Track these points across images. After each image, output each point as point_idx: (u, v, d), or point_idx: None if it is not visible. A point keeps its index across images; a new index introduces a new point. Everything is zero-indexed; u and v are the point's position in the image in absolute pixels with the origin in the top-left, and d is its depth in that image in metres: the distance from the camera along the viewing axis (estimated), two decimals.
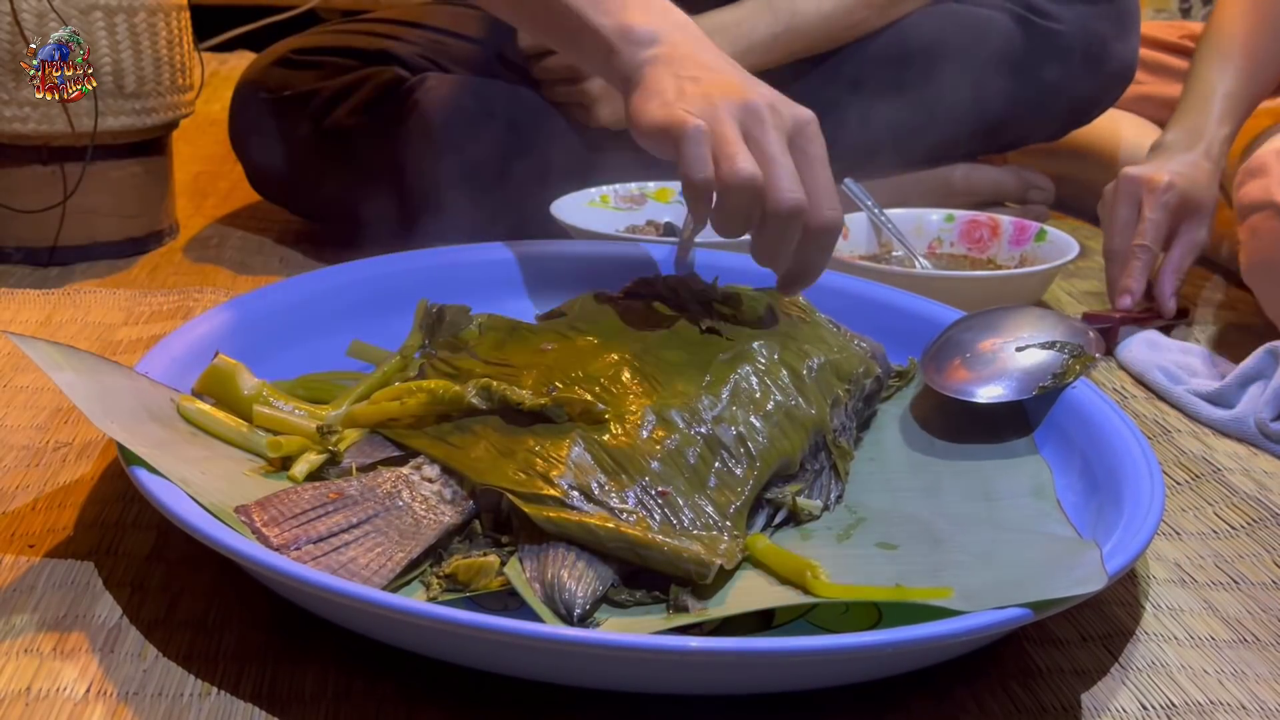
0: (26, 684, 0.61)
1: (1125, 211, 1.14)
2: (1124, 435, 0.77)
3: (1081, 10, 1.35)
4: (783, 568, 0.67)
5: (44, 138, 1.20)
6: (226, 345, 0.83)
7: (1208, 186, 1.14)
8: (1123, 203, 1.14)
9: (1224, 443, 0.93)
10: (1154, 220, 1.12)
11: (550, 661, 0.59)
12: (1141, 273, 1.12)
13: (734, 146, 0.78)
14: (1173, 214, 1.13)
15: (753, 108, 0.80)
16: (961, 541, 0.70)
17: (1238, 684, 0.65)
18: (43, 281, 1.20)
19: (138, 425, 0.70)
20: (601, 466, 0.69)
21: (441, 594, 0.65)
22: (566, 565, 0.64)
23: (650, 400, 0.74)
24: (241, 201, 1.50)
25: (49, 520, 0.76)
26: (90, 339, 1.05)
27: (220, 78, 2.06)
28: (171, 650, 0.64)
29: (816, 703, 0.61)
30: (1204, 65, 1.21)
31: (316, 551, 0.65)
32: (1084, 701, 0.63)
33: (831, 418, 0.79)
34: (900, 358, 0.92)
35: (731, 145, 0.78)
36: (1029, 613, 0.59)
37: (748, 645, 0.56)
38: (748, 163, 0.78)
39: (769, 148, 0.79)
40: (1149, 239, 1.12)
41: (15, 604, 0.67)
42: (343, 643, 0.64)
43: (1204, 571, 0.76)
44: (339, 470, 0.74)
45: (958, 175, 1.42)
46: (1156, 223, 1.12)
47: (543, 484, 0.67)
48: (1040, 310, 0.94)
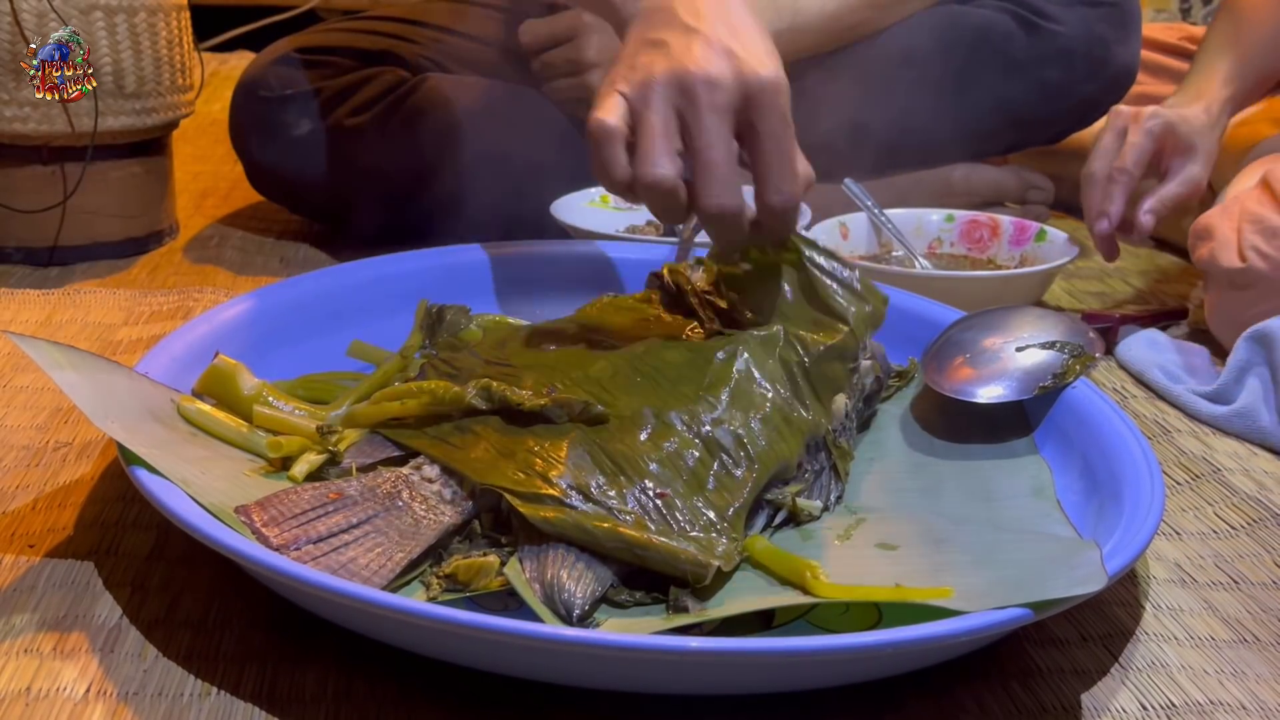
0: (26, 684, 0.61)
1: (1109, 139, 1.13)
2: (1124, 435, 0.77)
3: (1084, 13, 1.35)
4: (782, 568, 0.67)
5: (44, 138, 1.20)
6: (226, 345, 0.83)
7: (1202, 130, 1.12)
8: (1108, 131, 1.13)
9: (1224, 442, 0.93)
10: (1135, 144, 1.11)
11: (550, 661, 0.59)
12: (1120, 197, 1.11)
13: (651, 143, 0.72)
14: (1157, 141, 1.11)
15: (688, 86, 0.73)
16: (961, 541, 0.70)
17: (1238, 684, 0.65)
18: (43, 281, 1.20)
19: (138, 425, 0.70)
20: (600, 468, 0.69)
21: (441, 594, 0.65)
22: (566, 565, 0.64)
23: (650, 401, 0.74)
24: (241, 201, 1.50)
25: (49, 520, 0.76)
26: (90, 339, 1.05)
27: (220, 78, 2.06)
28: (171, 650, 0.64)
29: (816, 703, 0.61)
30: (1212, 41, 1.21)
31: (316, 551, 0.65)
32: (1084, 701, 0.63)
33: (835, 413, 0.79)
34: (900, 358, 0.92)
35: (648, 142, 0.73)
36: (1029, 613, 0.59)
37: (748, 645, 0.56)
38: (664, 165, 0.72)
39: (699, 139, 0.73)
40: (1129, 162, 1.11)
41: (15, 604, 0.67)
42: (343, 643, 0.64)
43: (1204, 571, 0.76)
44: (339, 470, 0.74)
45: (957, 175, 1.42)
46: (1138, 146, 1.11)
47: (541, 484, 0.67)
48: (1040, 310, 0.94)
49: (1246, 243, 1.03)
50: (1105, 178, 1.12)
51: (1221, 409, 0.95)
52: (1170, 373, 1.02)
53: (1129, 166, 1.11)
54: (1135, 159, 1.11)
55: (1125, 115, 1.14)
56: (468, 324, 0.91)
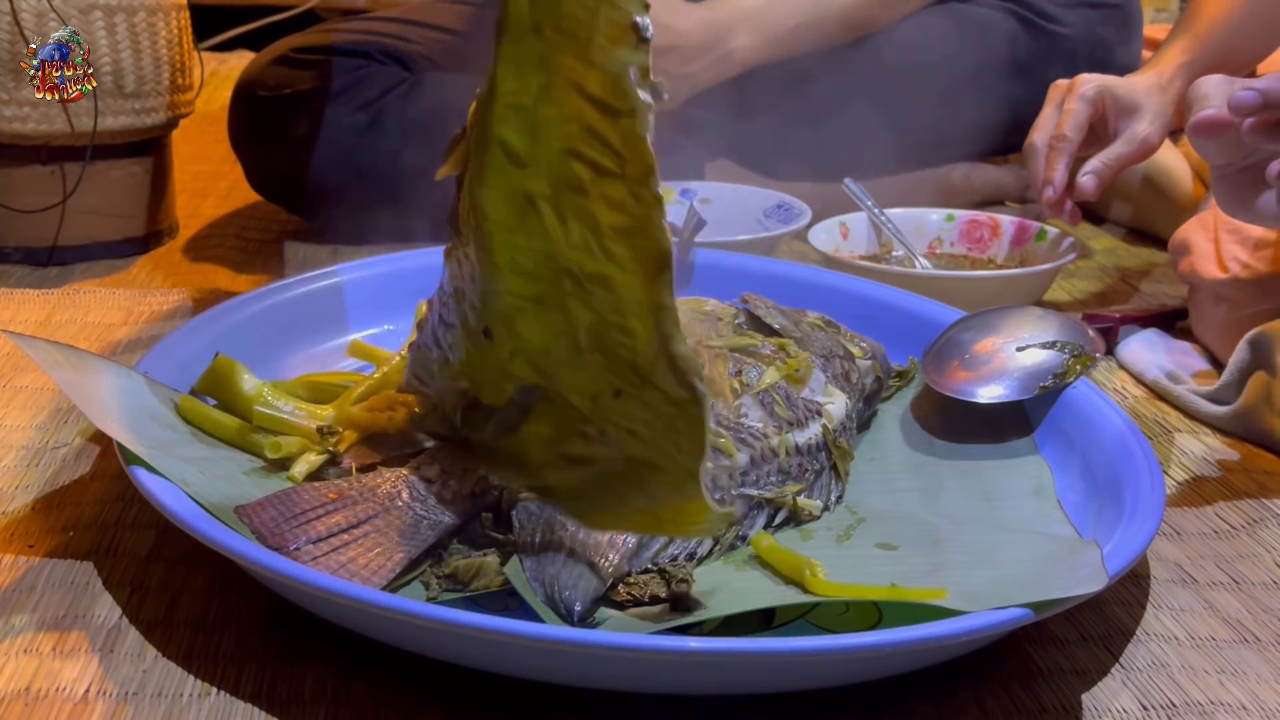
0: (26, 684, 0.61)
1: (1048, 110, 1.13)
2: (1124, 435, 0.77)
3: (1086, 14, 1.35)
4: (782, 566, 0.67)
5: (44, 138, 1.20)
6: (226, 345, 0.82)
7: (1147, 91, 1.12)
8: (1048, 104, 1.14)
9: (1224, 442, 0.93)
10: (1072, 110, 1.11)
11: (550, 661, 0.59)
12: (1060, 163, 1.11)
13: None
14: (1094, 105, 1.11)
15: None
16: (962, 542, 0.70)
17: (1238, 684, 0.65)
18: (42, 281, 1.20)
19: (138, 425, 0.70)
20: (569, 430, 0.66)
21: (441, 594, 0.65)
22: (566, 565, 0.64)
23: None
24: (241, 201, 1.50)
25: (49, 520, 0.76)
26: (90, 339, 1.05)
27: (220, 78, 2.06)
28: (171, 650, 0.64)
29: (816, 703, 0.61)
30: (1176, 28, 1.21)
31: (316, 551, 0.65)
32: (1084, 702, 0.63)
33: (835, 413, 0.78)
34: (900, 358, 0.92)
35: None
36: (1029, 613, 0.59)
37: (748, 645, 0.56)
38: None
39: None
40: (1067, 128, 1.11)
41: (15, 604, 0.67)
42: (343, 643, 0.64)
43: (1204, 571, 0.76)
44: (339, 470, 0.74)
45: (958, 175, 1.42)
46: (1074, 112, 1.11)
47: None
48: (1040, 310, 0.94)
49: (1227, 253, 1.03)
50: (1046, 147, 1.12)
51: (1221, 409, 0.95)
52: (1170, 373, 1.02)
53: (1067, 133, 1.11)
54: (1073, 124, 1.11)
55: (1062, 87, 1.14)
56: None
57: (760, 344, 0.81)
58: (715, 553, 0.70)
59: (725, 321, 0.84)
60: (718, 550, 0.70)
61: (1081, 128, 1.11)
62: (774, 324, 0.83)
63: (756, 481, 0.73)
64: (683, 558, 0.69)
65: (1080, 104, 1.11)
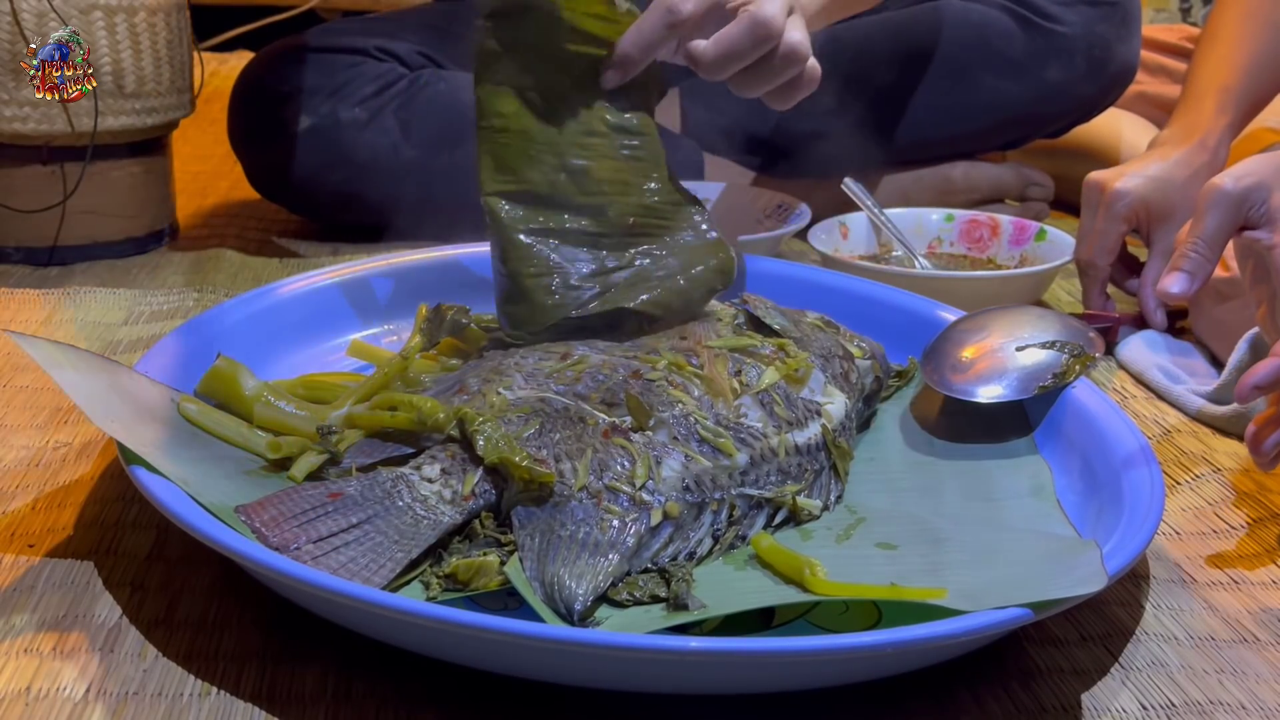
0: (26, 684, 0.61)
1: (1087, 220, 1.12)
2: (1124, 435, 0.77)
3: (1085, 13, 1.35)
4: (782, 565, 0.67)
5: (44, 138, 1.20)
6: (226, 345, 0.83)
7: (1184, 186, 1.11)
8: (1084, 211, 1.13)
9: (1224, 442, 0.93)
10: (1101, 231, 1.10)
11: (550, 661, 0.59)
12: (1094, 290, 1.12)
13: None
14: (1126, 222, 1.10)
15: None
16: (961, 541, 0.70)
17: (1238, 684, 0.65)
18: (43, 281, 1.20)
19: (138, 425, 0.70)
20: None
21: (441, 594, 0.65)
22: (566, 565, 0.64)
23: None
24: (241, 201, 1.50)
25: (49, 520, 0.76)
26: (90, 339, 1.05)
27: (220, 78, 2.06)
28: (171, 650, 0.64)
29: (816, 703, 0.61)
30: (1202, 62, 1.20)
31: (316, 551, 0.65)
32: (1084, 701, 0.63)
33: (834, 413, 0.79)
34: (900, 358, 0.92)
35: None
36: (1029, 613, 0.59)
37: (748, 645, 0.56)
38: None
39: None
40: (1095, 254, 1.11)
41: (15, 604, 0.68)
42: (343, 643, 0.64)
43: (1204, 571, 0.76)
44: (339, 470, 0.74)
45: (957, 173, 1.42)
46: (1104, 233, 1.10)
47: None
48: (1040, 310, 0.94)
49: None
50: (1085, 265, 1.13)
51: (1221, 409, 0.95)
52: (1170, 373, 1.02)
53: (1096, 260, 1.11)
54: (1101, 247, 1.11)
55: (1096, 189, 1.11)
56: (468, 324, 0.91)
57: (760, 344, 0.81)
58: (715, 552, 0.70)
59: (724, 322, 0.85)
60: (718, 550, 0.71)
61: (1112, 251, 1.11)
62: (773, 324, 0.83)
63: (756, 481, 0.73)
64: (682, 557, 0.69)
65: (1111, 225, 1.10)
